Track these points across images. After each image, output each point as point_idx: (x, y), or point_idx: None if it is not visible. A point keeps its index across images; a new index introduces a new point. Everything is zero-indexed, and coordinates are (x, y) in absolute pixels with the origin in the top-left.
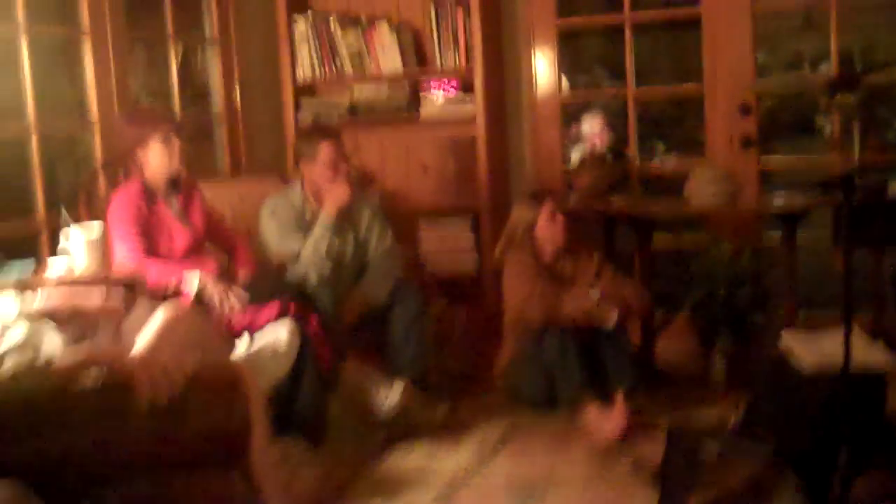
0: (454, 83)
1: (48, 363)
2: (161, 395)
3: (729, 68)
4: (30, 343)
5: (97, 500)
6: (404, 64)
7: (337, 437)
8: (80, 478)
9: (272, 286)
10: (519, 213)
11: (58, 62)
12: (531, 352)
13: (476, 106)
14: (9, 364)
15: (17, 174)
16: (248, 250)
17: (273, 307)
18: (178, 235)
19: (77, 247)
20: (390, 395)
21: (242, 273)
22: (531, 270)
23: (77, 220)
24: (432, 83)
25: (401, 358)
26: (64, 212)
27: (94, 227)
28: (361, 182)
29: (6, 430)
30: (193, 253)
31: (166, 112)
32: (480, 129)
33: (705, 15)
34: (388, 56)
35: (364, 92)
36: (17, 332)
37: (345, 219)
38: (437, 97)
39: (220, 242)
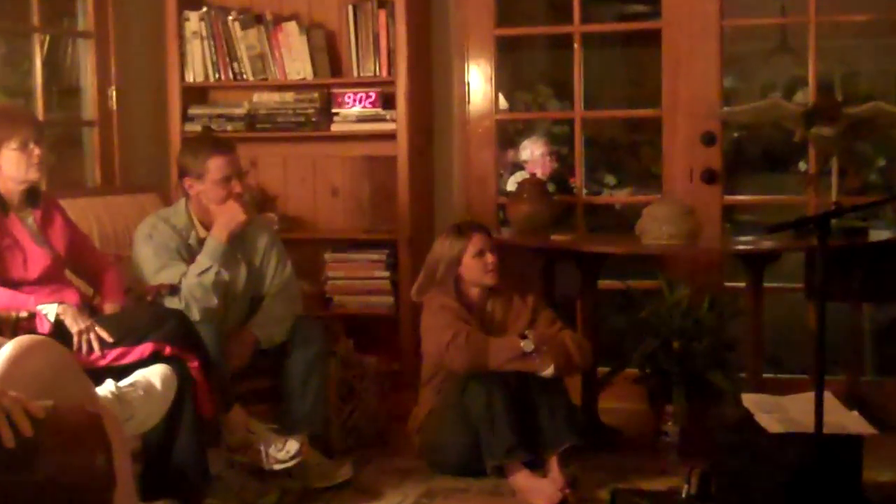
0: (373, 95)
1: None
2: (6, 440)
3: (692, 92)
4: None
5: None
6: (315, 71)
7: (219, 498)
8: None
9: (146, 320)
10: (442, 247)
11: None
12: (452, 404)
13: (398, 122)
14: None
15: None
16: (119, 279)
17: (146, 346)
18: (34, 258)
19: None
20: (283, 452)
21: (109, 306)
22: (453, 314)
23: None
24: (347, 94)
25: (298, 409)
26: None
27: None
28: (258, 204)
29: None
30: (51, 279)
31: (25, 113)
32: (402, 148)
33: (666, 29)
34: (295, 61)
35: (266, 100)
36: None
37: (237, 246)
38: (353, 110)
39: (84, 268)
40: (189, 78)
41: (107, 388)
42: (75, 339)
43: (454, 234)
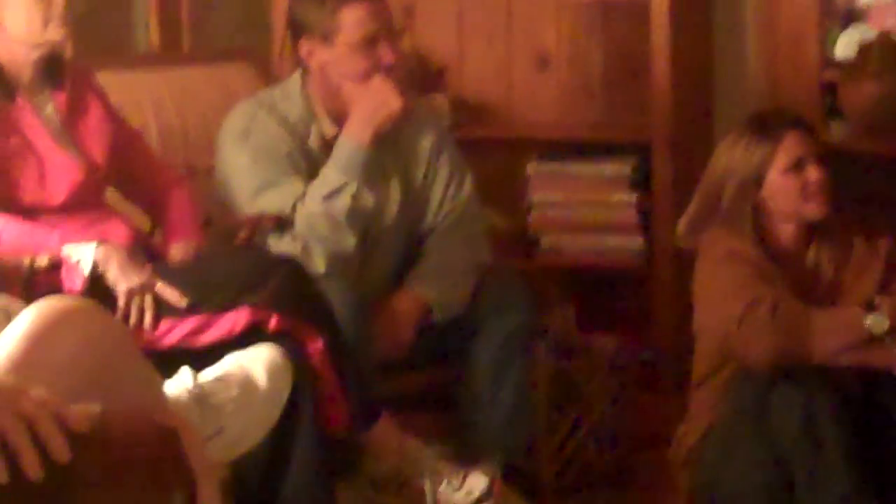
0: None
1: None
2: (29, 469)
3: None
4: None
5: None
6: None
7: None
8: None
9: (239, 274)
10: (730, 156)
11: None
12: (747, 420)
13: None
14: None
15: None
16: (192, 204)
17: (239, 314)
18: (56, 170)
19: None
20: (462, 492)
21: (178, 248)
22: (749, 269)
23: None
24: None
25: (485, 423)
26: None
27: None
28: (419, 82)
29: None
30: (85, 205)
31: None
32: None
33: None
34: None
35: None
36: None
37: (386, 152)
38: None
39: (137, 186)
40: None
41: (181, 385)
42: (122, 301)
43: (751, 135)
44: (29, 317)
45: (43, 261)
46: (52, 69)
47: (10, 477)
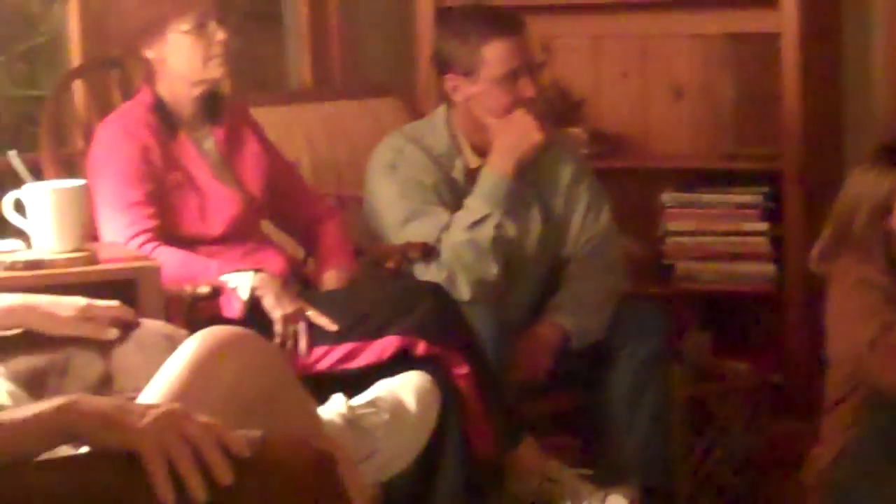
0: None
1: None
2: (195, 492)
3: None
4: None
5: None
6: None
7: None
8: None
9: (388, 301)
10: (862, 183)
11: None
12: (881, 442)
13: None
14: None
15: None
16: (343, 234)
17: (388, 341)
18: (216, 202)
19: (38, 218)
20: None
21: (331, 277)
22: (883, 294)
23: (36, 170)
24: None
25: (624, 445)
26: (15, 158)
27: (70, 189)
28: (558, 115)
29: None
30: (243, 235)
31: None
32: (789, 19)
33: None
34: None
35: None
36: None
37: (528, 182)
38: None
39: (291, 218)
40: None
41: (335, 410)
42: (278, 327)
43: (881, 163)
44: (192, 345)
45: (204, 289)
46: (211, 105)
47: (176, 499)
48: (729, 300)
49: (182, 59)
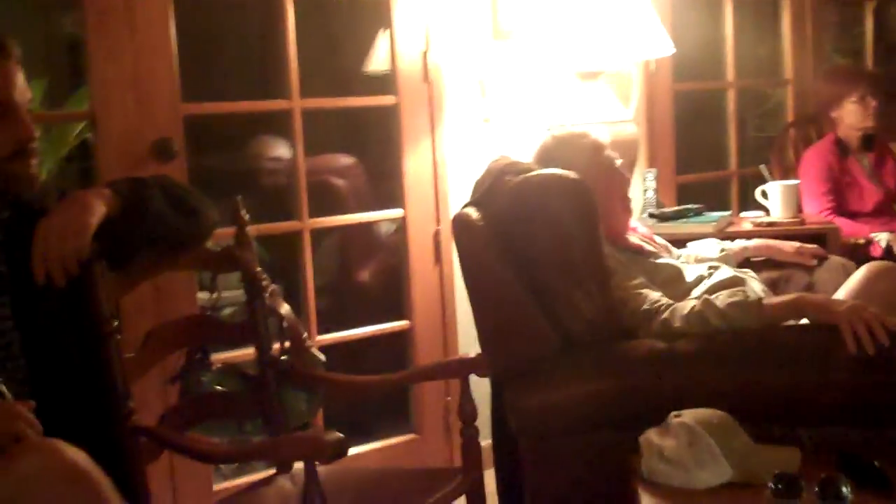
0: None
1: (759, 300)
2: (867, 346)
3: None
4: (736, 283)
5: (792, 439)
6: None
7: None
8: (778, 413)
9: None
10: None
11: (757, 20)
12: None
13: None
14: (723, 297)
15: (714, 128)
16: None
17: None
18: (867, 193)
19: (774, 200)
20: None
21: None
22: None
23: (771, 175)
24: None
25: None
26: (764, 169)
27: (790, 185)
28: None
29: (723, 358)
30: (882, 212)
31: (863, 70)
32: None
33: None
34: None
35: None
36: (725, 272)
37: None
38: None
39: None
40: None
41: None
42: None
43: None
44: (862, 271)
45: (861, 240)
46: (867, 141)
47: (874, 349)
48: None
49: (851, 117)
